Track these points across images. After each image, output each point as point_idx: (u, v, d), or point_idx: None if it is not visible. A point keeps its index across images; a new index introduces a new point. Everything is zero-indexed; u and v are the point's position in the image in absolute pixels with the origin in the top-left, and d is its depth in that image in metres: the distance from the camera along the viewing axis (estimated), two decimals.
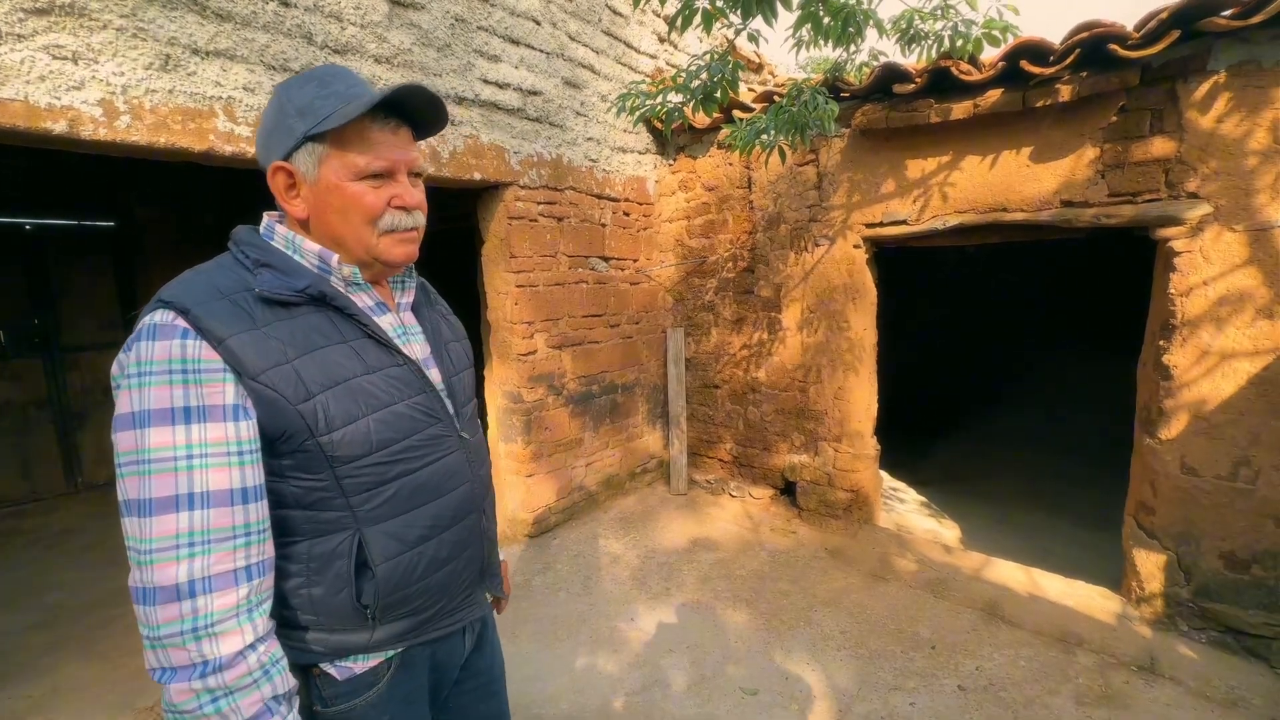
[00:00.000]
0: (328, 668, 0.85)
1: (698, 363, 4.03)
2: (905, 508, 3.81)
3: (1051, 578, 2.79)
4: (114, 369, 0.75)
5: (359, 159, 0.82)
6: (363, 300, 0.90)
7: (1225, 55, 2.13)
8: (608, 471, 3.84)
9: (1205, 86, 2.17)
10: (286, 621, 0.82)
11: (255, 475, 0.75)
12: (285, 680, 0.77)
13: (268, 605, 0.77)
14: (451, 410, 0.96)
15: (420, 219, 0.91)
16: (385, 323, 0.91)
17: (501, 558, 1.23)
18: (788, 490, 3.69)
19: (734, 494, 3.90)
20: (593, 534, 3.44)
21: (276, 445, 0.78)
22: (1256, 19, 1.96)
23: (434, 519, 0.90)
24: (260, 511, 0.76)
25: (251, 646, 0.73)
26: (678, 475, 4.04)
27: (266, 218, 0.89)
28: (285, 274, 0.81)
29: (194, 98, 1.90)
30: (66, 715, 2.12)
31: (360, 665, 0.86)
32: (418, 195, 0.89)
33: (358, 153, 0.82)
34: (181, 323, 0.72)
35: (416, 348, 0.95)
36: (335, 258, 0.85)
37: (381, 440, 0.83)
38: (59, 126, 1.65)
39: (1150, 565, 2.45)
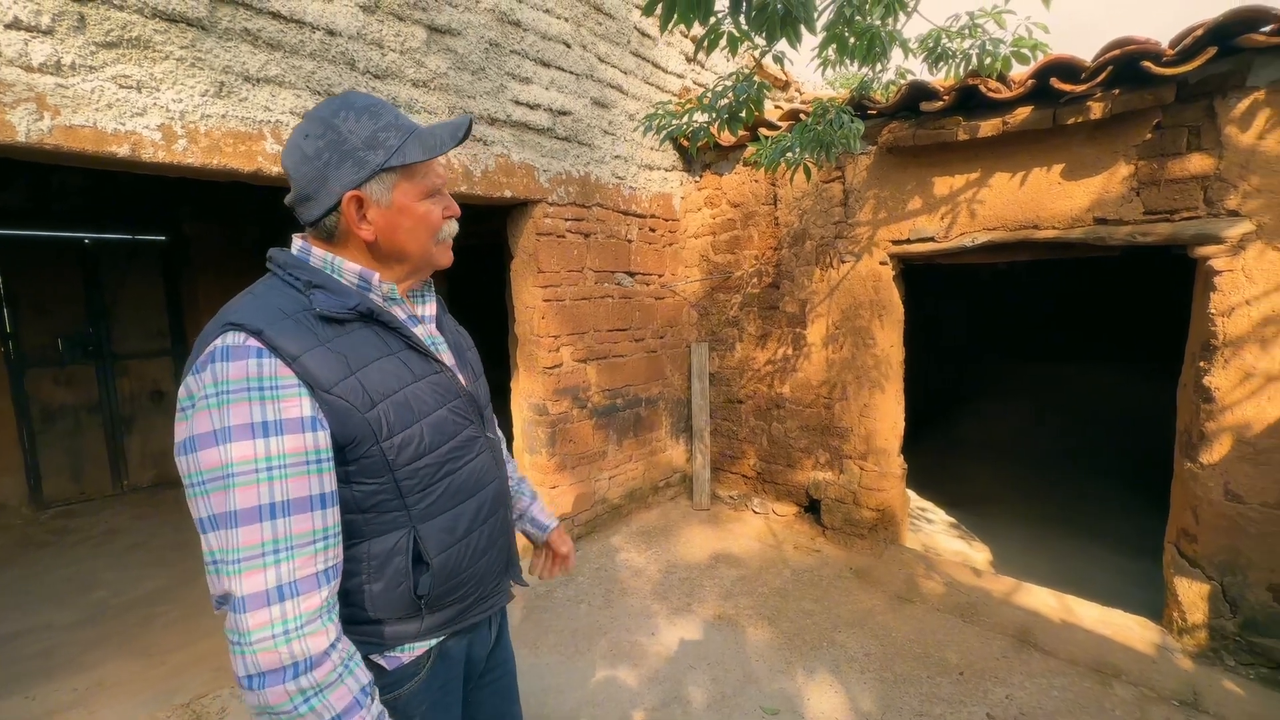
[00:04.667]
0: (378, 659, 0.91)
1: (722, 377, 4.03)
2: (933, 528, 3.73)
3: (1087, 605, 2.70)
4: (182, 393, 0.79)
5: (425, 182, 0.93)
6: (399, 314, 0.96)
7: (1265, 71, 2.08)
8: (630, 484, 3.85)
9: (1245, 103, 2.12)
10: (346, 618, 0.87)
11: (331, 482, 0.81)
12: (364, 673, 0.82)
13: (338, 607, 0.82)
14: (479, 413, 1.04)
15: (457, 226, 1.01)
16: (419, 333, 0.98)
17: (554, 524, 1.33)
18: (812, 508, 3.65)
19: (757, 510, 3.87)
20: (615, 547, 3.45)
21: (345, 453, 0.83)
22: None
23: (475, 512, 0.98)
24: (335, 516, 0.81)
25: (333, 644, 0.78)
26: (700, 490, 4.03)
27: (298, 240, 0.93)
28: (335, 293, 0.87)
29: (245, 122, 2.02)
30: (108, 709, 2.20)
31: (407, 655, 0.93)
32: (456, 204, 1.00)
33: (423, 176, 0.92)
34: (255, 343, 0.77)
35: (445, 356, 1.02)
36: (376, 276, 0.92)
37: (433, 443, 0.91)
38: (123, 150, 1.76)
39: (1193, 595, 2.36)
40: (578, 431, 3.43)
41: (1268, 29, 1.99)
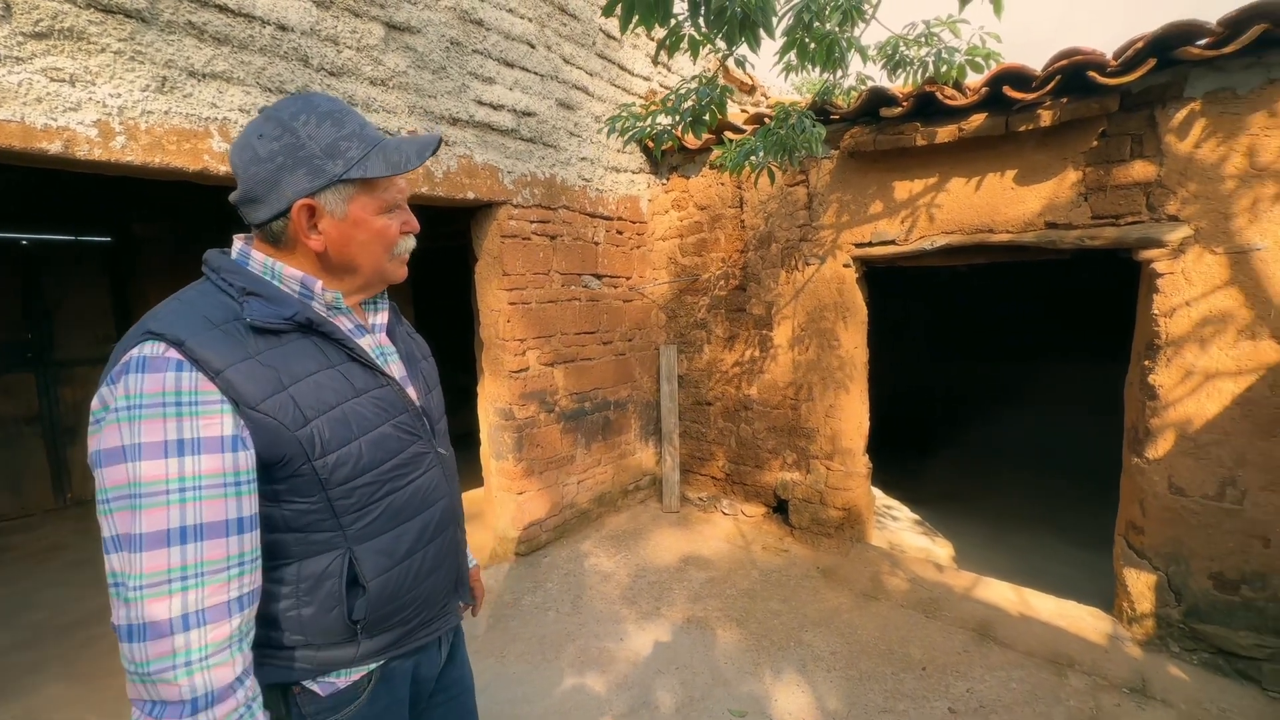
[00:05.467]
0: (310, 685, 0.86)
1: (690, 380, 4.04)
2: (898, 525, 3.80)
3: (1043, 597, 2.78)
4: (95, 403, 0.74)
5: (385, 196, 0.89)
6: (343, 324, 0.92)
7: (1201, 83, 2.18)
8: (600, 489, 3.83)
9: (1182, 113, 2.21)
10: (273, 642, 0.83)
11: (251, 505, 0.76)
12: (264, 716, 0.77)
13: (252, 636, 0.78)
14: (428, 427, 0.99)
15: (415, 241, 0.98)
16: (365, 344, 0.94)
17: (472, 563, 1.25)
18: (780, 508, 3.68)
19: (726, 511, 3.89)
20: (584, 552, 3.42)
21: (273, 471, 0.79)
22: (1229, 49, 2.01)
23: (419, 533, 0.94)
24: (253, 541, 0.77)
25: (240, 679, 0.74)
26: (670, 492, 4.03)
27: (238, 242, 0.89)
28: (272, 302, 0.82)
29: (190, 119, 1.93)
30: None
31: (343, 680, 0.88)
32: (416, 220, 0.97)
33: (383, 190, 0.88)
34: (174, 354, 0.72)
35: (394, 368, 0.98)
36: (319, 284, 0.87)
37: (372, 461, 0.86)
38: (54, 147, 1.67)
39: (1141, 585, 2.45)
40: (545, 436, 3.39)
41: (1203, 42, 2.09)
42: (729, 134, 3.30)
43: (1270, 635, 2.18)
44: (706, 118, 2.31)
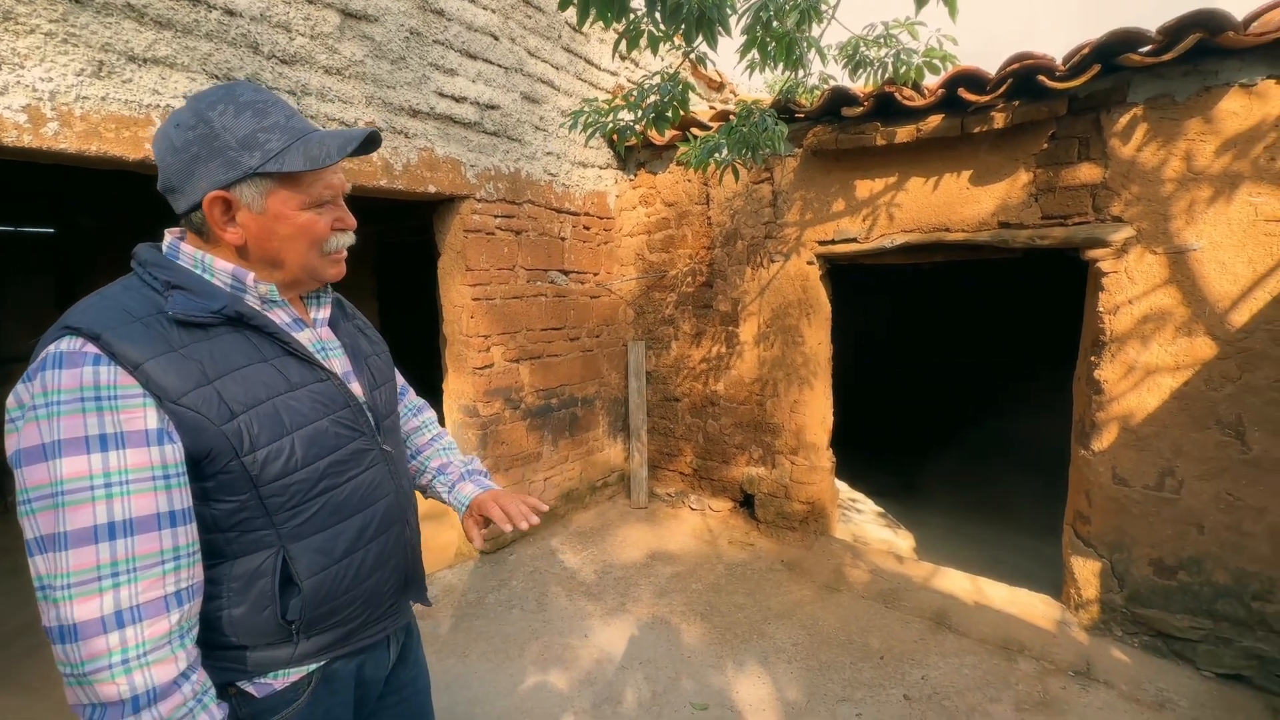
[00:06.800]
0: (245, 685, 0.84)
1: (658, 376, 4.05)
2: (862, 518, 3.88)
3: (996, 586, 2.87)
4: (10, 402, 0.72)
5: (311, 191, 0.85)
6: (279, 317, 0.90)
7: (1142, 89, 2.26)
8: (567, 485, 3.82)
9: (1125, 117, 2.29)
10: (205, 641, 0.81)
11: (183, 498, 0.75)
12: (218, 709, 0.77)
13: (196, 631, 0.77)
14: (373, 423, 0.97)
15: (353, 238, 0.95)
16: (304, 338, 0.92)
17: (471, 496, 1.18)
18: (746, 503, 3.72)
19: (694, 507, 3.91)
20: (550, 549, 3.40)
21: (201, 468, 0.77)
22: (1168, 56, 2.09)
23: (359, 531, 0.92)
24: (190, 534, 0.76)
25: (184, 675, 0.73)
26: (638, 488, 4.04)
27: (169, 235, 0.87)
28: (198, 295, 0.80)
29: (129, 105, 1.86)
30: None
31: (280, 681, 0.86)
32: (353, 216, 0.94)
33: (309, 185, 0.85)
34: (91, 349, 0.71)
35: (336, 363, 0.96)
36: (251, 276, 0.85)
37: (306, 458, 0.84)
38: None
39: (1087, 572, 2.54)
40: (511, 433, 3.36)
41: (1144, 50, 2.16)
42: (695, 130, 3.31)
43: (1204, 617, 2.29)
44: (669, 114, 2.31)
